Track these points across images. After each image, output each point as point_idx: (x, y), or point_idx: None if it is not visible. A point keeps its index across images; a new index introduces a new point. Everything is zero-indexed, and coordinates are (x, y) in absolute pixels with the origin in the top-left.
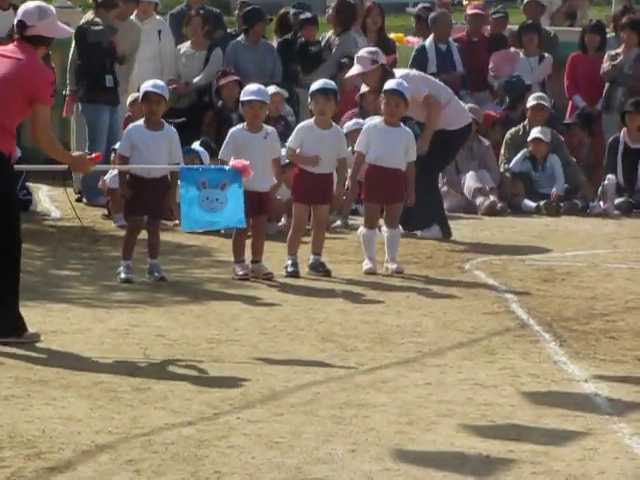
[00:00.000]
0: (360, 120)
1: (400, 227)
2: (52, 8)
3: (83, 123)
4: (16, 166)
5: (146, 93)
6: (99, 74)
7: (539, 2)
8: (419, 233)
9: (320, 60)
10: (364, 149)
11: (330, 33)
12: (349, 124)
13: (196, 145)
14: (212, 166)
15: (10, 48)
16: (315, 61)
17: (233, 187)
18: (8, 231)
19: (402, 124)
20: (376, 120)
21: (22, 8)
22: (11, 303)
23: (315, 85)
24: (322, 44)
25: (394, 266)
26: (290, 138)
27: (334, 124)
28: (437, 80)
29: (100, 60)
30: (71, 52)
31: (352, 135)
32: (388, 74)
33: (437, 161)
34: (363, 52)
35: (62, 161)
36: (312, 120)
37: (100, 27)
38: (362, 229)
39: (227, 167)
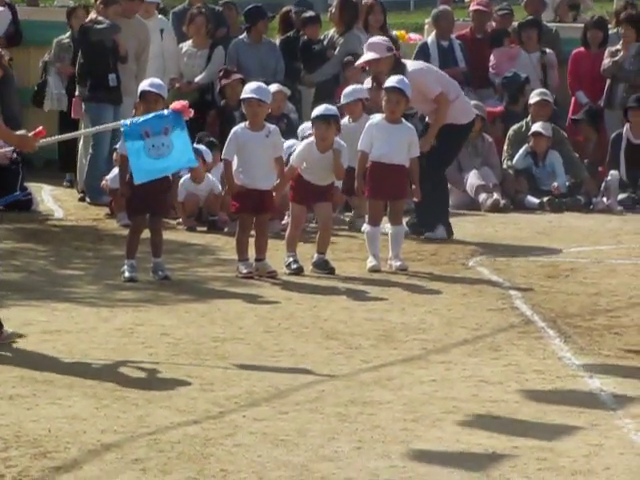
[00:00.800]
0: (358, 86)
1: (406, 227)
2: None
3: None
4: None
5: (142, 92)
6: (102, 73)
7: None
8: (425, 235)
9: (323, 59)
10: (367, 148)
11: (332, 32)
12: (347, 91)
13: (199, 145)
14: (151, 114)
15: None
16: (318, 60)
17: (176, 131)
18: None
19: (404, 120)
20: (377, 118)
21: None
22: None
23: (316, 111)
24: (324, 43)
25: (398, 263)
26: (293, 155)
27: (335, 143)
28: (446, 75)
29: (103, 59)
30: (79, 54)
31: (349, 106)
32: (399, 65)
33: (444, 156)
34: (378, 39)
35: (7, 141)
36: (313, 140)
37: (103, 25)
38: (366, 226)
39: (166, 111)
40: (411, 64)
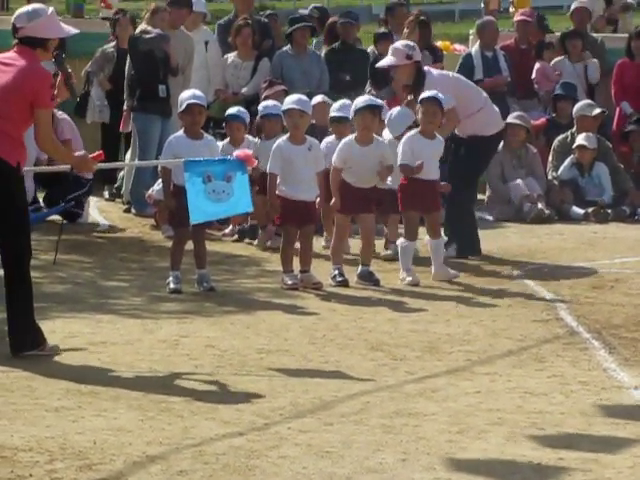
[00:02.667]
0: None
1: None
2: (47, 9)
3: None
4: (26, 168)
5: (189, 105)
6: (152, 84)
7: (586, 8)
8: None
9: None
10: (409, 161)
11: None
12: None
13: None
14: (216, 158)
15: (10, 55)
16: (389, 77)
17: (238, 176)
18: (15, 243)
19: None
20: (413, 132)
21: (17, 12)
22: (27, 317)
23: (361, 101)
24: None
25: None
26: (334, 157)
27: (376, 137)
28: (472, 84)
29: (154, 69)
30: (127, 65)
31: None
32: (421, 73)
33: (470, 169)
34: (399, 44)
35: (66, 162)
36: (352, 137)
37: (152, 35)
38: (402, 240)
39: (230, 157)
40: (435, 71)
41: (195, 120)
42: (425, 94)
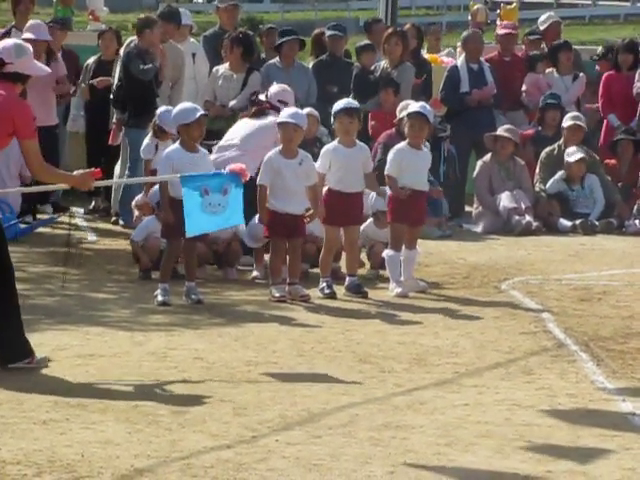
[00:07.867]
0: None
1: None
2: (29, 47)
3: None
4: (17, 189)
5: (199, 117)
6: (148, 99)
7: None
8: None
9: (376, 88)
10: (396, 172)
11: (384, 62)
12: None
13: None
14: (210, 172)
15: None
16: (372, 89)
17: (233, 189)
18: None
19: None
20: (401, 144)
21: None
22: (15, 329)
23: (338, 105)
24: (376, 74)
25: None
26: (317, 163)
27: (357, 142)
28: None
29: (149, 85)
30: (115, 80)
31: None
32: None
33: None
34: None
35: (65, 184)
36: (336, 141)
37: (149, 66)
38: (388, 251)
39: (225, 172)
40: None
41: (202, 133)
42: (411, 109)
